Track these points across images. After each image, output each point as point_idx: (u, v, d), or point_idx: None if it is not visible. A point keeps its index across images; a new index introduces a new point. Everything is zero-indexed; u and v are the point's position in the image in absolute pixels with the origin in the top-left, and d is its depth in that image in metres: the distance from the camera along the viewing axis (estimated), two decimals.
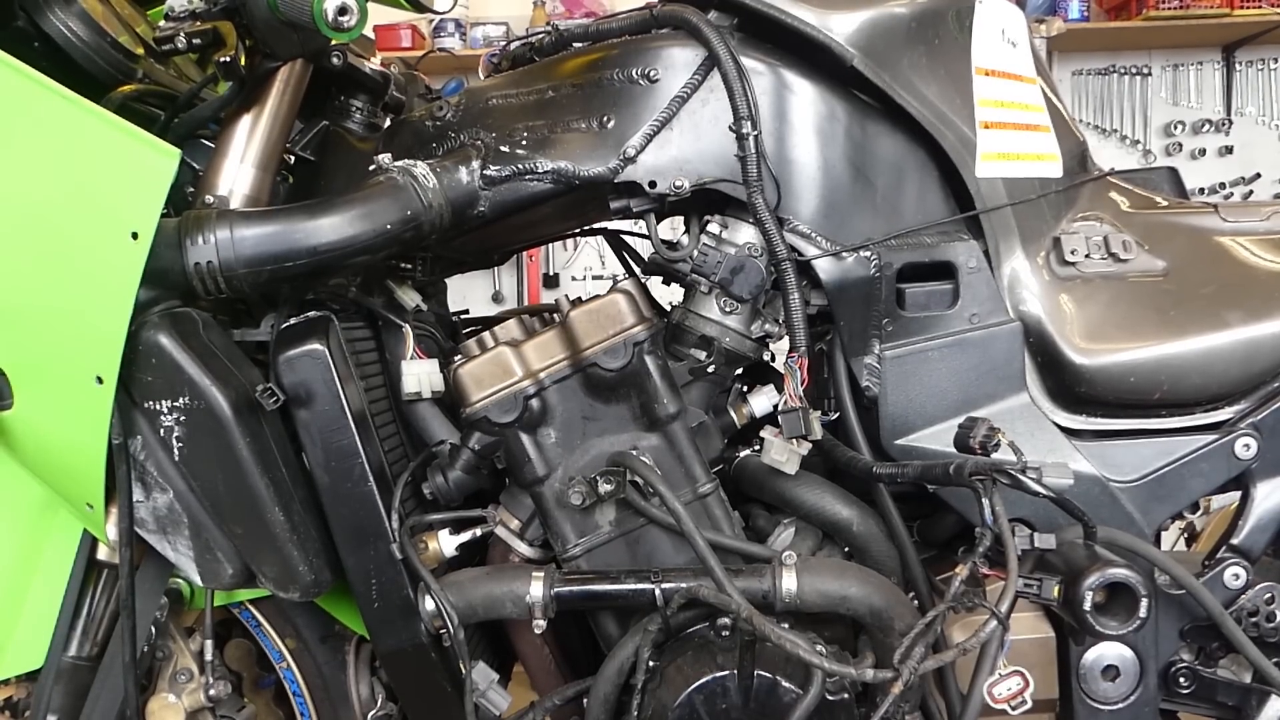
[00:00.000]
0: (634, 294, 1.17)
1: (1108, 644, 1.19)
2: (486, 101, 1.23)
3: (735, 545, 1.15)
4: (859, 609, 1.10)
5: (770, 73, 1.15)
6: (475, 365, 1.14)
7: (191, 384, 1.03)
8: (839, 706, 1.08)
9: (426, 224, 1.10)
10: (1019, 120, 1.27)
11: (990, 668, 1.03)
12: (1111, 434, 1.22)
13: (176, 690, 1.31)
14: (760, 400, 1.27)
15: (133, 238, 0.98)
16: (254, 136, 1.15)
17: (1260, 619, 1.20)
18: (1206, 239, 1.32)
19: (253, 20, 1.07)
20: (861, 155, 1.18)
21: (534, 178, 1.16)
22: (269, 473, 1.08)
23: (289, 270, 1.04)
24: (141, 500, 1.09)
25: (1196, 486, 1.22)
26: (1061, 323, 1.22)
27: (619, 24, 1.23)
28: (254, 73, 1.14)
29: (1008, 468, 1.00)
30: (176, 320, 1.05)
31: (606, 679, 1.14)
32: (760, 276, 1.17)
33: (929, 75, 1.19)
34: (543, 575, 1.13)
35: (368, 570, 1.15)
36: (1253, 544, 1.21)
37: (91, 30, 1.15)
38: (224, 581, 1.13)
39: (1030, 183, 1.26)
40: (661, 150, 1.15)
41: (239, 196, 1.13)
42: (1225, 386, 1.22)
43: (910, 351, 1.19)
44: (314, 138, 1.34)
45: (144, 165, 0.99)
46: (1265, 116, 4.26)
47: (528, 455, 1.15)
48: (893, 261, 1.18)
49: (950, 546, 1.29)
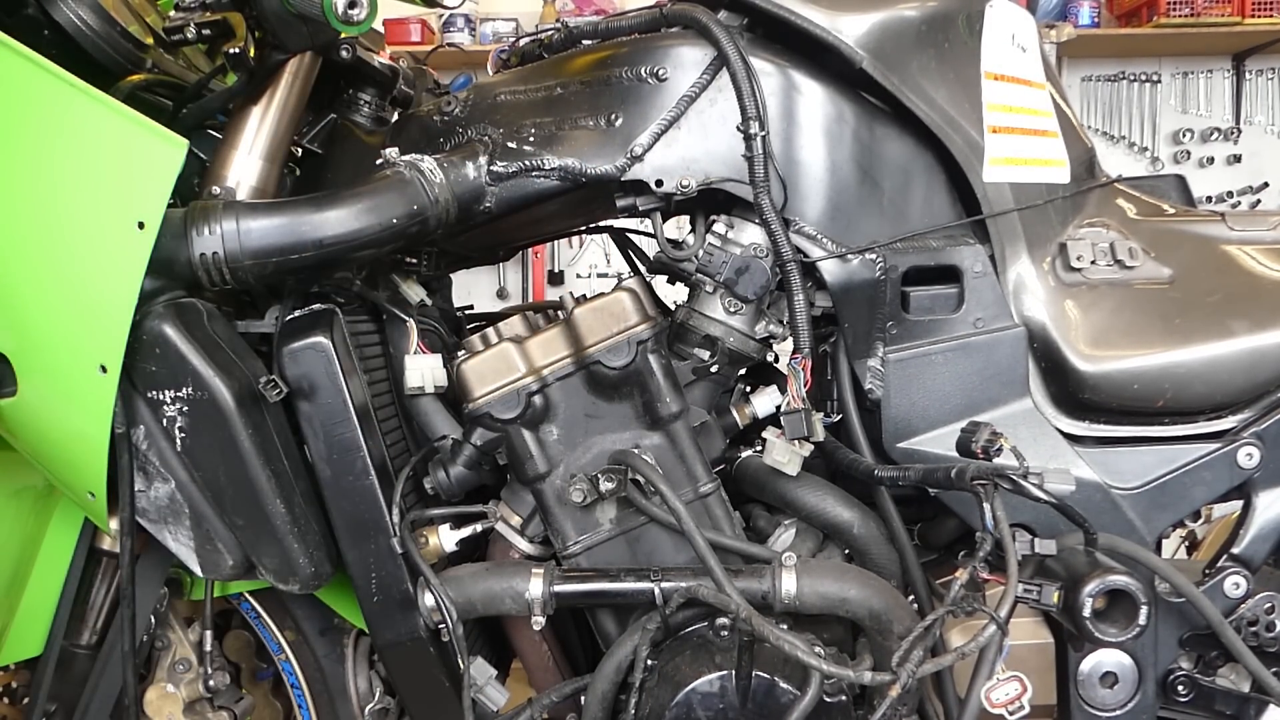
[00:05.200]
0: (638, 292, 1.16)
1: (1107, 651, 1.18)
2: (495, 97, 1.23)
3: (735, 545, 1.15)
4: (858, 611, 1.10)
5: (779, 73, 1.15)
6: (478, 361, 1.14)
7: (195, 374, 1.03)
8: (836, 708, 1.08)
9: (432, 219, 1.10)
10: (1027, 125, 1.27)
11: (989, 672, 1.02)
12: (1114, 441, 1.22)
13: (175, 680, 1.32)
14: (763, 401, 1.27)
15: (139, 227, 0.98)
16: (262, 128, 1.16)
17: (1260, 628, 1.19)
18: (1213, 247, 1.31)
19: (263, 12, 1.07)
20: (869, 158, 1.18)
21: (540, 174, 1.16)
22: (271, 464, 1.08)
23: (294, 263, 1.04)
24: (143, 490, 1.09)
25: (1198, 495, 1.21)
26: (1066, 329, 1.21)
27: (628, 22, 1.23)
28: (263, 65, 1.14)
29: (1009, 473, 1.00)
30: (181, 310, 1.05)
31: (604, 677, 1.14)
32: (765, 277, 1.16)
33: (938, 78, 1.19)
34: (542, 572, 1.13)
35: (368, 564, 1.15)
36: (1254, 553, 1.21)
37: (101, 19, 1.15)
38: (224, 572, 1.13)
39: (1037, 188, 1.26)
40: (669, 149, 1.15)
41: (246, 188, 1.14)
42: (1229, 395, 1.22)
43: (914, 355, 1.19)
44: (322, 130, 1.34)
45: (152, 155, 0.99)
46: (1274, 126, 4.25)
47: (529, 452, 1.15)
48: (898, 264, 1.18)
49: (951, 550, 1.29)
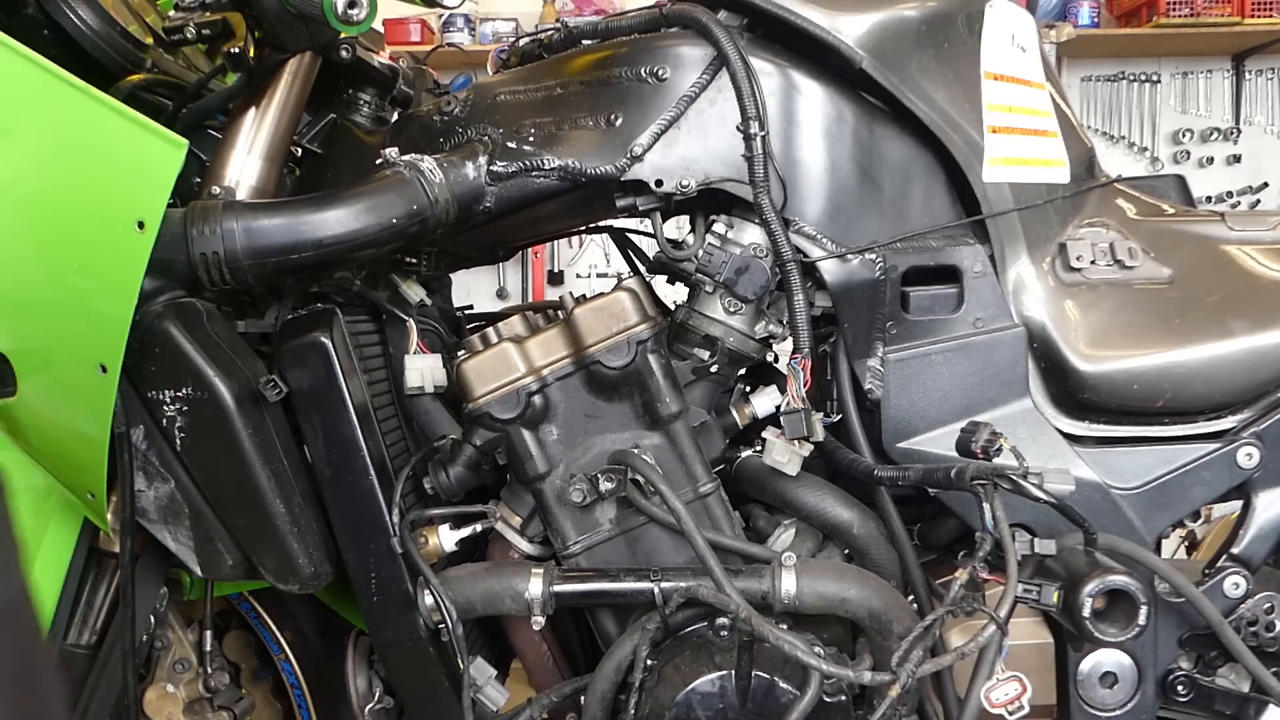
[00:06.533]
0: (638, 292, 1.16)
1: (1106, 651, 1.18)
2: (494, 97, 1.23)
3: (735, 545, 1.15)
4: (858, 611, 1.10)
5: (779, 73, 1.15)
6: (478, 361, 1.14)
7: (195, 374, 1.03)
8: (836, 708, 1.08)
9: (432, 219, 1.10)
10: (1027, 125, 1.27)
11: (988, 672, 1.02)
12: (1114, 441, 1.22)
13: (175, 680, 1.32)
14: (763, 401, 1.27)
15: (139, 227, 0.98)
16: (261, 128, 1.15)
17: (1259, 628, 1.19)
18: (1213, 247, 1.31)
19: (262, 12, 1.07)
20: (869, 158, 1.18)
21: (540, 174, 1.16)
22: (270, 464, 1.08)
23: (294, 262, 1.04)
24: (143, 490, 1.09)
25: (1198, 495, 1.21)
26: (1066, 329, 1.21)
27: (628, 22, 1.23)
28: (262, 64, 1.14)
29: (1009, 473, 1.00)
30: (181, 310, 1.05)
31: (604, 677, 1.14)
32: (765, 277, 1.16)
33: (938, 79, 1.19)
34: (542, 572, 1.13)
35: (367, 564, 1.15)
36: (1253, 553, 1.21)
37: (101, 19, 1.15)
38: (224, 572, 1.13)
39: (1037, 188, 1.26)
40: (668, 149, 1.15)
41: (245, 188, 1.14)
42: (1229, 395, 1.22)
43: (914, 355, 1.19)
44: (321, 130, 1.34)
45: (151, 155, 0.99)
46: (1274, 126, 4.26)
47: (529, 452, 1.15)
48: (898, 264, 1.18)
49: (950, 550, 1.29)
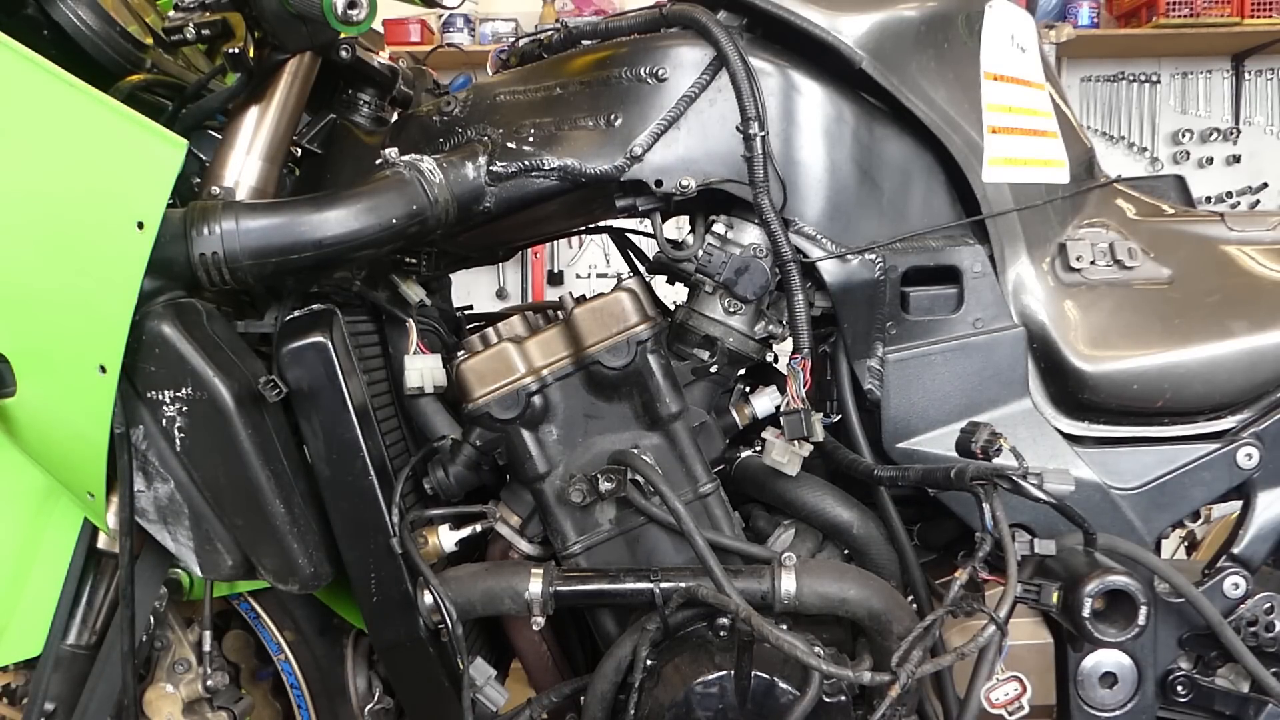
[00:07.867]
0: (638, 293, 1.17)
1: (1106, 651, 1.18)
2: (494, 97, 1.23)
3: (735, 546, 1.15)
4: (858, 611, 1.10)
5: (778, 74, 1.15)
6: (478, 361, 1.14)
7: (194, 374, 1.03)
8: (836, 709, 1.08)
9: (432, 219, 1.10)
10: (1027, 126, 1.27)
11: (988, 673, 1.02)
12: (1114, 441, 1.22)
13: (174, 680, 1.32)
14: (762, 401, 1.27)
15: (138, 227, 0.98)
16: (261, 128, 1.15)
17: (1259, 628, 1.20)
18: (1212, 248, 1.31)
19: (262, 12, 1.07)
20: (868, 158, 1.18)
21: (540, 174, 1.16)
22: (270, 464, 1.08)
23: (294, 263, 1.04)
24: (142, 490, 1.09)
25: (1198, 495, 1.22)
26: (1065, 329, 1.22)
27: (628, 22, 1.23)
28: (262, 65, 1.14)
29: (1009, 473, 1.00)
30: (180, 310, 1.05)
31: (604, 677, 1.14)
32: (765, 277, 1.16)
33: (937, 79, 1.19)
34: (542, 572, 1.13)
35: (367, 564, 1.15)
36: (1253, 554, 1.21)
37: (101, 19, 1.15)
38: (223, 572, 1.13)
39: (1037, 188, 1.26)
40: (668, 149, 1.15)
41: (245, 188, 1.13)
42: (1228, 395, 1.22)
43: (913, 355, 1.20)
44: (321, 131, 1.34)
45: (151, 155, 0.99)
46: (1273, 126, 4.26)
47: (529, 452, 1.15)
48: (898, 265, 1.18)
49: (950, 551, 1.29)
